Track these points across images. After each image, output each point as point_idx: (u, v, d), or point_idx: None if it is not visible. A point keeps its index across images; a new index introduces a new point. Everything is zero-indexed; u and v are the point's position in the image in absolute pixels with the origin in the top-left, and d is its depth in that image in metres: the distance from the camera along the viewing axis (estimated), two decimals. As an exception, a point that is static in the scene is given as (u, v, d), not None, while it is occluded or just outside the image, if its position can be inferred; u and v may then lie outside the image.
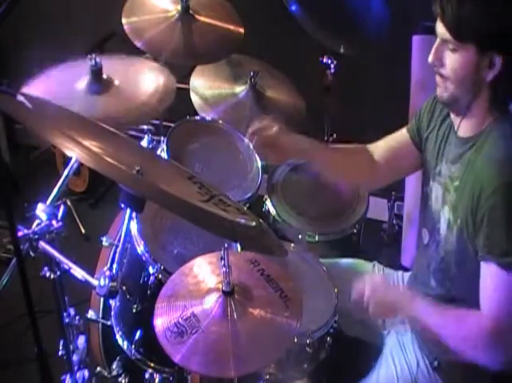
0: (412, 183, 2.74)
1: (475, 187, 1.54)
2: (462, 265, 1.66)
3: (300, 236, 2.17)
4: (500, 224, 1.51)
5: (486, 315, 1.55)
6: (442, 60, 1.55)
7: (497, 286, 1.53)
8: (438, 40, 1.55)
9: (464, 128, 1.65)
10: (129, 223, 1.81)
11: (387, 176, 1.96)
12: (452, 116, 1.70)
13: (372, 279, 1.73)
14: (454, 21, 1.47)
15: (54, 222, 1.57)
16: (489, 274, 1.54)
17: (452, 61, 1.53)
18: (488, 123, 1.59)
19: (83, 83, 1.95)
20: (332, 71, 2.53)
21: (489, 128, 1.59)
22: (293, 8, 2.43)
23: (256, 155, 2.28)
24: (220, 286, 1.57)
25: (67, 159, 1.69)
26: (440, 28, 1.52)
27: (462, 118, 1.64)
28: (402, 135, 1.88)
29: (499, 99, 1.56)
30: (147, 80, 2.05)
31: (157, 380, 1.99)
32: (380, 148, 1.92)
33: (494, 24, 1.45)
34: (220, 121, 2.33)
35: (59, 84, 1.95)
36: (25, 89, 1.86)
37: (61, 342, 1.81)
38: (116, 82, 1.99)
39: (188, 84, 2.48)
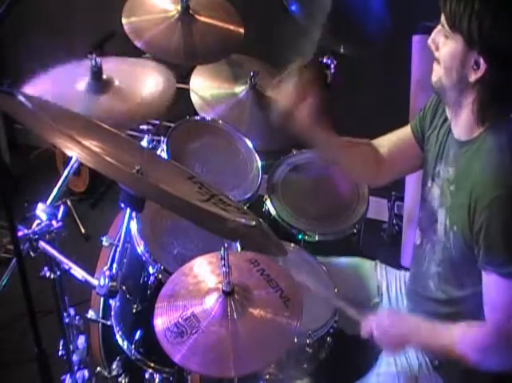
0: (412, 183, 2.74)
1: (470, 197, 1.54)
2: (460, 269, 1.66)
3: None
4: (497, 236, 1.51)
5: (491, 323, 1.57)
6: (437, 44, 1.57)
7: (500, 295, 1.55)
8: (439, 24, 1.56)
9: (458, 129, 1.65)
10: (129, 223, 1.81)
11: (390, 173, 1.96)
12: (447, 114, 1.70)
13: (377, 319, 1.75)
14: (450, 10, 1.49)
15: (54, 222, 1.56)
16: (491, 283, 1.56)
17: (444, 46, 1.55)
18: (481, 130, 1.58)
19: (83, 83, 1.95)
20: (332, 71, 2.52)
21: (483, 135, 1.58)
22: (293, 8, 2.43)
23: (256, 155, 2.28)
24: (220, 286, 1.57)
25: (67, 159, 1.69)
26: (442, 13, 1.54)
27: (454, 117, 1.65)
28: (405, 131, 1.88)
29: (484, 106, 1.55)
30: (148, 81, 2.05)
31: (157, 380, 1.99)
32: (383, 144, 1.92)
33: (482, 28, 1.45)
34: (220, 121, 2.34)
35: (59, 84, 1.95)
36: (26, 88, 1.86)
37: (61, 342, 1.80)
38: (116, 82, 1.99)
39: (188, 84, 2.48)
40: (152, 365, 1.97)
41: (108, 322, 2.04)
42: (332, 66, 2.52)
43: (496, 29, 1.45)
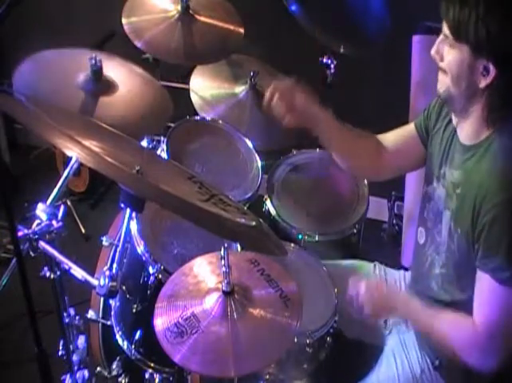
0: (412, 183, 2.74)
1: (476, 199, 1.54)
2: (464, 271, 1.66)
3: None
4: (497, 240, 1.51)
5: (478, 323, 1.57)
6: (442, 54, 1.56)
7: (491, 297, 1.55)
8: (441, 35, 1.56)
9: (464, 134, 1.65)
10: (129, 223, 1.81)
11: (392, 169, 1.95)
12: (453, 118, 1.70)
13: (367, 282, 1.74)
14: (453, 20, 1.49)
15: (54, 222, 1.56)
16: (484, 284, 1.56)
17: (449, 56, 1.54)
18: (488, 133, 1.58)
19: (82, 77, 1.96)
20: (332, 71, 2.52)
21: (490, 139, 1.58)
22: (293, 8, 2.42)
23: (256, 155, 2.28)
24: (220, 286, 1.57)
25: (67, 159, 1.69)
26: (444, 23, 1.54)
27: (460, 122, 1.65)
28: (409, 129, 1.88)
29: (494, 110, 1.55)
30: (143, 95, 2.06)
31: (157, 380, 1.99)
32: (387, 139, 1.92)
33: (490, 33, 1.45)
34: (220, 121, 2.34)
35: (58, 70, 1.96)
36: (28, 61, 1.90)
37: (61, 342, 1.80)
38: (116, 85, 1.99)
39: (188, 84, 2.48)
40: (152, 365, 1.97)
41: (108, 322, 2.04)
42: (332, 66, 2.52)
43: (504, 33, 1.44)
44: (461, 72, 1.53)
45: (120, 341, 2.00)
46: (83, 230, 3.11)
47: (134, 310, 1.95)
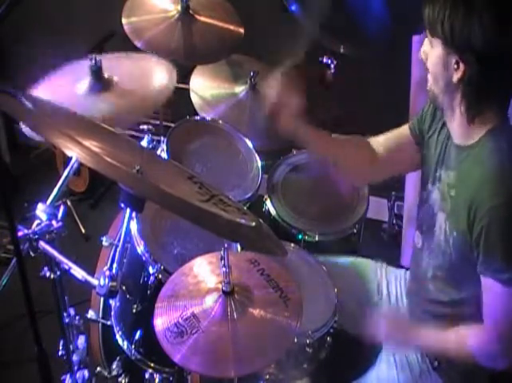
0: (412, 183, 2.74)
1: (471, 203, 1.54)
2: (461, 272, 1.66)
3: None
4: (496, 242, 1.52)
5: (488, 326, 1.59)
6: (427, 54, 1.60)
7: (497, 299, 1.57)
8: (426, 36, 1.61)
9: (456, 134, 1.65)
10: (129, 223, 1.81)
11: (386, 171, 1.96)
12: (446, 119, 1.70)
13: (379, 321, 1.78)
14: (428, 17, 1.55)
15: (54, 222, 1.56)
16: (487, 288, 1.57)
17: (430, 55, 1.59)
18: (481, 134, 1.58)
19: (84, 84, 1.95)
20: (332, 71, 2.52)
21: (483, 141, 1.58)
22: (293, 8, 2.42)
23: (256, 155, 2.28)
24: (220, 286, 1.57)
25: (67, 159, 1.69)
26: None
27: (449, 122, 1.66)
28: (403, 131, 1.88)
29: (471, 106, 1.56)
30: (148, 74, 2.04)
31: (157, 380, 1.99)
32: (380, 142, 1.92)
33: (454, 29, 1.49)
34: (220, 121, 2.34)
35: (60, 88, 1.95)
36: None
37: (61, 342, 1.81)
38: (117, 79, 1.98)
39: (188, 84, 2.48)
40: (152, 365, 1.97)
41: (108, 322, 2.04)
42: (332, 66, 2.52)
43: (466, 28, 1.48)
44: (438, 69, 1.57)
45: (120, 341, 2.00)
46: (83, 231, 3.11)
47: (134, 310, 1.96)
